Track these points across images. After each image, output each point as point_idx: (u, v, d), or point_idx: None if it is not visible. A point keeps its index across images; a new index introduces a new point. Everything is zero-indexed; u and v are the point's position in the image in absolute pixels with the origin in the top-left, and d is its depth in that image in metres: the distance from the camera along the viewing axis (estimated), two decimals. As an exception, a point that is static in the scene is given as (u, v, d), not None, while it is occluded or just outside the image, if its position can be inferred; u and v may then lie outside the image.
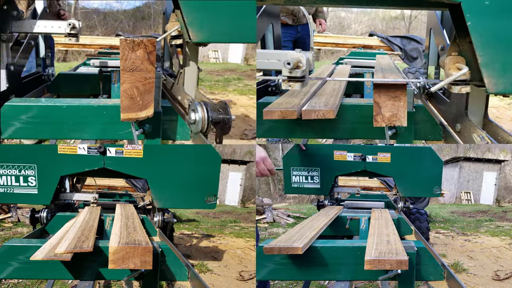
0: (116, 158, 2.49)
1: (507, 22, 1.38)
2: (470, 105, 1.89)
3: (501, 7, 1.33)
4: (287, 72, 1.79)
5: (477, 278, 5.71)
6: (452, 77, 1.60)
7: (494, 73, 1.45)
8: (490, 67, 1.44)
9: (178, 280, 2.18)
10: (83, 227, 2.26)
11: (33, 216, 2.72)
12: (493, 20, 1.40)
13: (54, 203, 2.79)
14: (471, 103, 1.88)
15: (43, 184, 2.49)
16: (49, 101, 2.50)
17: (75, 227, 2.26)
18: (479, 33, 1.42)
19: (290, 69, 1.77)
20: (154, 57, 2.30)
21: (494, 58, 1.44)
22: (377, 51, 6.08)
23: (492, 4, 1.35)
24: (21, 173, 2.46)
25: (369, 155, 3.61)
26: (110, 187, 6.47)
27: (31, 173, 2.47)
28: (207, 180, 2.48)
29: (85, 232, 2.16)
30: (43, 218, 2.72)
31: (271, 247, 2.07)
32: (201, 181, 2.48)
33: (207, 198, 2.49)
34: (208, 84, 8.88)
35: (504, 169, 17.84)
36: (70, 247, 1.89)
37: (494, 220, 10.92)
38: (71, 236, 2.07)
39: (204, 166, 2.46)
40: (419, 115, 2.36)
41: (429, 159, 3.57)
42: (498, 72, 1.44)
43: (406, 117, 2.10)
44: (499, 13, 1.37)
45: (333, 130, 2.35)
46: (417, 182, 3.60)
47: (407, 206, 3.72)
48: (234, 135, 6.50)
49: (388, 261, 1.89)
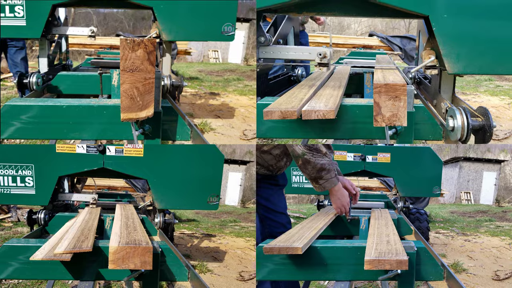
0: (116, 158, 2.50)
1: (458, 28, 2.18)
2: (442, 85, 2.53)
3: (454, 18, 2.17)
4: (318, 60, 2.47)
5: (477, 278, 5.71)
6: (424, 63, 2.37)
7: (451, 61, 2.22)
8: (449, 57, 2.21)
9: (178, 280, 2.17)
10: (82, 227, 2.26)
11: (30, 217, 2.70)
12: (449, 27, 2.18)
13: (52, 203, 2.79)
14: (443, 84, 2.53)
15: (41, 184, 2.49)
16: (49, 101, 2.49)
17: (74, 227, 2.25)
18: (441, 35, 2.20)
19: (320, 58, 2.46)
20: (154, 57, 2.31)
21: (451, 51, 2.21)
22: (377, 51, 6.08)
23: (448, 17, 2.17)
24: (18, 174, 2.47)
25: (369, 155, 3.61)
26: (110, 187, 6.46)
27: (28, 173, 2.47)
28: (209, 180, 2.49)
29: (85, 232, 2.15)
30: (40, 219, 2.70)
31: (271, 247, 2.07)
32: (204, 181, 2.49)
33: (210, 198, 2.50)
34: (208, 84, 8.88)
35: (504, 169, 17.86)
36: (69, 247, 1.89)
37: (494, 220, 10.92)
38: (71, 236, 2.07)
39: (207, 166, 2.47)
40: (419, 115, 2.36)
41: (428, 159, 3.57)
42: (454, 60, 2.21)
43: (406, 117, 2.10)
44: (453, 23, 2.18)
45: (333, 130, 2.35)
46: (416, 182, 3.60)
47: (407, 206, 3.72)
48: (234, 135, 6.50)
49: (388, 261, 1.89)
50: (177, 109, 2.63)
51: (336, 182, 2.69)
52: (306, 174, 2.66)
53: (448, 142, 2.32)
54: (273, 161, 2.76)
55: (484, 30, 2.17)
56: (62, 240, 2.02)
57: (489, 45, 2.18)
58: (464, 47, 2.19)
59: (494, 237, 8.43)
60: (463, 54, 2.20)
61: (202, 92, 8.16)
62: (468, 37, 2.19)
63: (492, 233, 8.86)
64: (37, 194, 2.50)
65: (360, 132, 2.37)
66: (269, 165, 2.77)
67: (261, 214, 2.80)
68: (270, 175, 2.82)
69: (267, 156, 2.74)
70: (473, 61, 2.21)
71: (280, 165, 2.81)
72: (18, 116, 2.41)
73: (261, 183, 2.81)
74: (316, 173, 2.63)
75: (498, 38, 2.18)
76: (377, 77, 2.27)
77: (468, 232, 8.92)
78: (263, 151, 2.74)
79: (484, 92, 8.46)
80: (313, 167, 2.60)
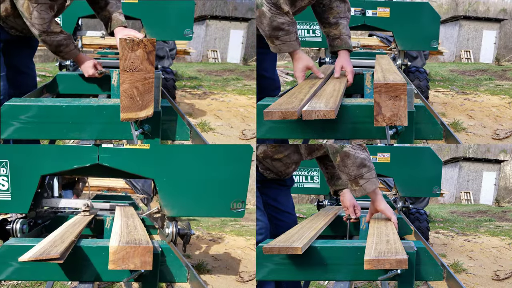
0: (114, 150, 2.15)
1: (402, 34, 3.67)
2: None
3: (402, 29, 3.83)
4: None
5: (477, 278, 5.71)
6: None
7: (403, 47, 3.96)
8: (401, 45, 3.92)
9: (177, 281, 2.16)
10: (66, 230, 2.09)
11: (2, 228, 2.16)
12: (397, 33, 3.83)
13: (35, 211, 2.34)
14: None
15: (18, 186, 2.09)
16: (48, 101, 2.49)
17: (58, 229, 2.12)
18: (396, 37, 3.91)
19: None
20: (153, 57, 2.30)
21: (402, 43, 3.88)
22: (377, 51, 6.07)
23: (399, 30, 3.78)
24: (-14, 172, 2.01)
25: (369, 155, 3.60)
26: (110, 188, 6.28)
27: (2, 171, 2.08)
28: (233, 183, 2.16)
29: (65, 236, 1.99)
30: (15, 230, 2.18)
31: (271, 247, 2.06)
32: (226, 184, 2.16)
33: (233, 205, 2.18)
34: (207, 84, 8.87)
35: (504, 169, 17.84)
36: (37, 254, 1.77)
37: (494, 220, 10.92)
38: (47, 240, 1.94)
39: (231, 167, 2.16)
40: (419, 114, 2.36)
41: (428, 159, 3.57)
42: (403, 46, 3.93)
43: (406, 116, 2.09)
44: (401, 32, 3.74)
45: (333, 130, 2.35)
46: (416, 182, 3.60)
47: (406, 206, 3.72)
48: (233, 135, 6.50)
49: (387, 260, 1.88)
50: (177, 109, 2.63)
51: (378, 184, 2.41)
52: (345, 174, 2.37)
53: (449, 142, 2.31)
54: (283, 167, 2.76)
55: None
56: (38, 244, 1.89)
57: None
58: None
59: (494, 237, 8.43)
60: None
61: (201, 91, 8.15)
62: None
63: (492, 233, 8.85)
64: (13, 200, 2.07)
65: (361, 132, 2.37)
66: (278, 171, 2.76)
67: (269, 214, 2.80)
68: (279, 179, 2.83)
69: (277, 163, 2.74)
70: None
71: (289, 171, 2.81)
72: (17, 116, 2.40)
73: (269, 184, 2.81)
74: (356, 170, 2.34)
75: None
76: (377, 77, 2.27)
77: (468, 232, 8.92)
78: (274, 159, 2.72)
79: (484, 92, 8.44)
80: (353, 162, 2.32)
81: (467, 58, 16.01)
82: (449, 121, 6.28)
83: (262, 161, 2.72)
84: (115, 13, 2.86)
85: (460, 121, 6.25)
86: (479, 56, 16.04)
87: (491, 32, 16.49)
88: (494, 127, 6.25)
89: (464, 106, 7.34)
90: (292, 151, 2.72)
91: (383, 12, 3.83)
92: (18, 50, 3.07)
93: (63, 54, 2.80)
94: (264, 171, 2.74)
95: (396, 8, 3.82)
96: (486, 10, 18.20)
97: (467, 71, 11.89)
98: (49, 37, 2.70)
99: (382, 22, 3.83)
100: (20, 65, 3.10)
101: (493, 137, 5.92)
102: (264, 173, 2.75)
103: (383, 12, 3.83)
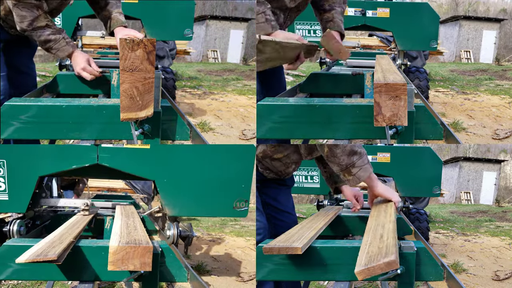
0: (114, 150, 2.13)
1: (402, 34, 3.85)
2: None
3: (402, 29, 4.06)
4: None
5: (477, 278, 5.71)
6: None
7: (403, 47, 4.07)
8: (401, 45, 4.05)
9: (177, 281, 2.16)
10: (64, 231, 2.08)
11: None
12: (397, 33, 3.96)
13: (33, 210, 2.33)
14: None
15: (15, 187, 2.07)
16: (48, 101, 2.49)
17: (57, 230, 2.11)
18: (396, 37, 3.99)
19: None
20: (153, 57, 2.30)
21: (402, 43, 3.98)
22: (377, 51, 6.07)
23: (399, 30, 3.97)
24: (-17, 172, 2.02)
25: (369, 155, 3.60)
26: (109, 189, 6.29)
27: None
28: (236, 181, 2.16)
29: (64, 237, 1.99)
30: (13, 232, 2.16)
31: (271, 247, 2.06)
32: (229, 182, 2.15)
33: (236, 204, 2.18)
34: (207, 84, 8.87)
35: (504, 169, 17.84)
36: (34, 256, 1.76)
37: (494, 220, 10.92)
38: (45, 241, 1.94)
39: (234, 165, 2.15)
40: (419, 114, 2.36)
41: (428, 159, 3.57)
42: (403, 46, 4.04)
43: (406, 116, 2.09)
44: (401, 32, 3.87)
45: (333, 130, 2.35)
46: (416, 182, 3.60)
47: (406, 206, 3.72)
48: (233, 135, 6.50)
49: (378, 266, 1.77)
50: (177, 109, 2.63)
51: (371, 169, 2.38)
52: (336, 165, 2.34)
53: (449, 142, 2.31)
54: (282, 167, 2.75)
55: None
56: (36, 245, 1.88)
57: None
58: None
59: (494, 237, 8.43)
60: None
61: (201, 91, 8.15)
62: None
63: (492, 233, 8.85)
64: (10, 200, 2.07)
65: (361, 132, 2.37)
66: (278, 171, 2.76)
67: (268, 213, 2.79)
68: (278, 179, 2.83)
69: (277, 163, 2.74)
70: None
71: (289, 171, 2.80)
72: (17, 116, 2.40)
73: (269, 183, 2.81)
74: (347, 159, 2.31)
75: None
76: (377, 77, 2.27)
77: (468, 232, 8.91)
78: (273, 159, 2.72)
79: (484, 92, 8.45)
80: (342, 150, 2.29)
81: (467, 58, 16.01)
82: (449, 121, 6.28)
83: (262, 161, 2.72)
84: (115, 13, 2.86)
85: (460, 121, 6.25)
86: (479, 56, 16.03)
87: (491, 32, 16.50)
88: (494, 127, 6.25)
89: (464, 106, 7.34)
90: (292, 151, 2.71)
91: (383, 13, 3.89)
92: (18, 50, 3.07)
93: (55, 51, 2.73)
94: (264, 170, 2.74)
95: (396, 9, 3.90)
96: (486, 10, 18.21)
97: (467, 71, 11.89)
98: (35, 32, 2.67)
99: (382, 22, 3.90)
100: (20, 65, 3.10)
101: (493, 137, 5.93)
102: (264, 173, 2.75)
103: (383, 12, 3.89)
